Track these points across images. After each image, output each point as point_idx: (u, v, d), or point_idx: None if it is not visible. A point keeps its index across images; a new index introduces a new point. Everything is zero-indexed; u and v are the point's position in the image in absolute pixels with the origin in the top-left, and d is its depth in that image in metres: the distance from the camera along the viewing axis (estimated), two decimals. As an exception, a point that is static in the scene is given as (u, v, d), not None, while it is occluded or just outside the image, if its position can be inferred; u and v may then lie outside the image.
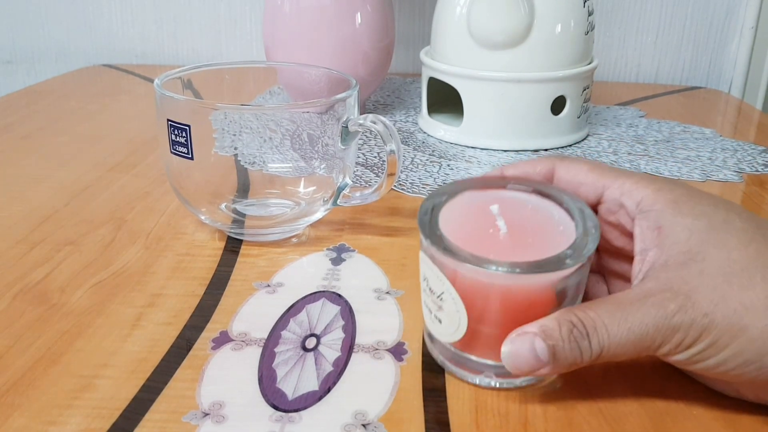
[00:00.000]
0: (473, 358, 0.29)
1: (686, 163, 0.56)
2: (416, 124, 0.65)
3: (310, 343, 0.32)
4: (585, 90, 0.59)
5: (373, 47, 0.61)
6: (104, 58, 0.90)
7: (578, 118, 0.60)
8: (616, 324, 0.26)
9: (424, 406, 0.28)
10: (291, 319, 0.34)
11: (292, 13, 0.60)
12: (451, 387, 0.29)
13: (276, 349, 0.32)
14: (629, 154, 0.58)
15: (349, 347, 0.32)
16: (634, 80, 0.87)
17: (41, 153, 0.56)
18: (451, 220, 0.29)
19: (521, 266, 0.26)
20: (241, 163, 0.39)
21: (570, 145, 0.60)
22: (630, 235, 0.30)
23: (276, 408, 0.28)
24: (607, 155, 0.58)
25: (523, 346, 0.27)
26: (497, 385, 0.29)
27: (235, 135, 0.38)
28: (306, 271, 0.39)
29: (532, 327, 0.27)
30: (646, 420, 0.28)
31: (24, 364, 0.30)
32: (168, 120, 0.38)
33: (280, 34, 0.61)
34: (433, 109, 0.64)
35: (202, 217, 0.41)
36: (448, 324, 0.29)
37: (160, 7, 0.88)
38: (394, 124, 0.60)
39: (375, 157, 0.56)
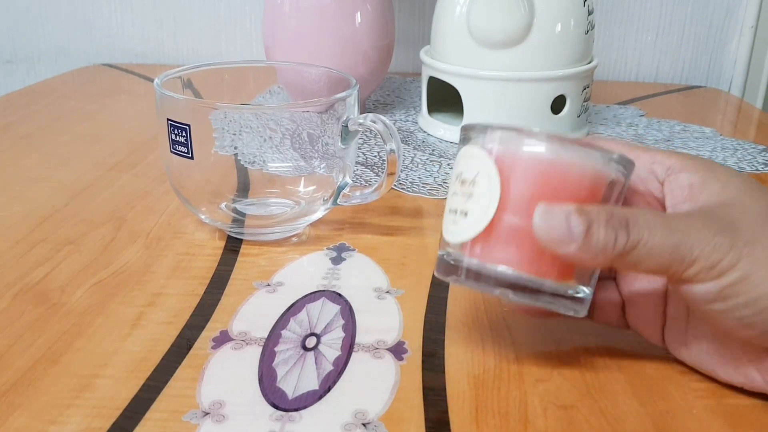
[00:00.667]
0: (492, 266, 0.27)
1: (686, 162, 0.56)
2: (416, 123, 0.65)
3: (311, 342, 0.32)
4: (585, 89, 0.59)
5: (373, 46, 0.61)
6: (104, 58, 0.90)
7: (578, 117, 0.60)
8: (659, 225, 0.25)
9: (424, 405, 0.28)
10: (291, 319, 0.34)
11: (292, 12, 0.60)
12: (452, 386, 0.29)
13: (276, 349, 0.32)
14: (629, 153, 0.58)
15: (349, 346, 0.32)
16: (634, 79, 0.87)
17: (41, 153, 0.56)
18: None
19: (573, 139, 0.26)
20: (241, 163, 0.39)
21: (570, 145, 0.60)
22: (658, 208, 0.30)
23: (276, 407, 0.28)
24: (607, 154, 0.58)
25: (559, 214, 0.25)
26: (514, 300, 0.28)
27: (235, 134, 0.38)
28: (306, 271, 0.39)
29: (570, 205, 0.26)
30: (646, 419, 0.28)
31: (24, 364, 0.30)
32: (168, 119, 0.38)
33: (280, 34, 0.61)
34: (433, 108, 0.64)
35: (202, 217, 0.41)
36: (475, 212, 0.27)
37: (160, 6, 0.88)
38: (394, 124, 0.60)
39: (375, 156, 0.56)
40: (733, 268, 0.25)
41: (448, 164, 0.55)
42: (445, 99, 0.64)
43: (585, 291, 0.28)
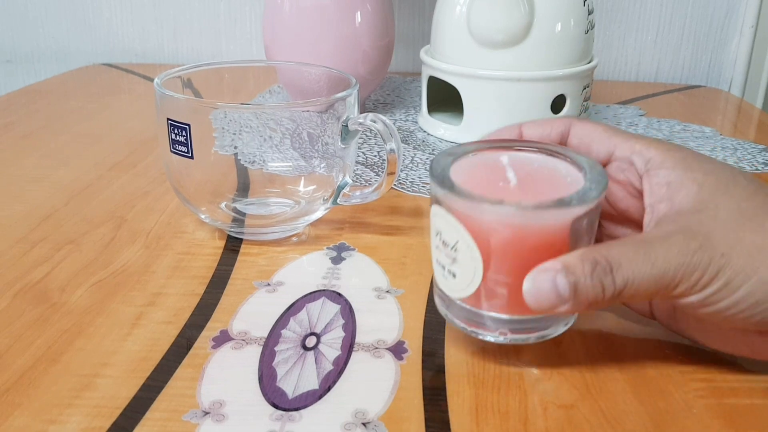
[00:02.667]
0: (487, 313, 0.29)
1: (686, 161, 0.56)
2: (416, 122, 0.65)
3: (310, 342, 0.32)
4: (585, 89, 0.59)
5: (373, 46, 0.61)
6: (104, 58, 0.90)
7: (578, 116, 0.60)
8: (640, 260, 0.26)
9: (425, 405, 0.28)
10: (291, 318, 0.34)
11: (292, 11, 0.60)
12: (452, 386, 0.29)
13: (276, 348, 0.32)
14: (629, 152, 0.58)
15: (349, 346, 0.32)
16: (634, 79, 0.87)
17: (41, 152, 0.56)
18: (461, 174, 0.29)
19: (535, 204, 0.27)
20: (241, 162, 0.39)
21: (570, 144, 0.60)
22: (636, 196, 0.31)
23: (276, 407, 0.28)
24: (607, 154, 0.58)
25: (545, 281, 0.26)
26: (510, 341, 0.29)
27: (235, 134, 0.38)
28: (306, 270, 0.39)
29: (554, 263, 0.27)
30: (646, 419, 0.28)
31: (24, 363, 0.30)
32: (168, 119, 0.38)
33: (280, 33, 0.61)
34: (433, 107, 0.64)
35: (202, 216, 0.41)
36: (463, 277, 0.28)
37: (160, 6, 0.87)
38: (394, 123, 0.60)
39: (375, 156, 0.56)
40: (714, 280, 0.26)
41: (448, 164, 0.55)
42: (445, 98, 0.64)
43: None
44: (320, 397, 0.28)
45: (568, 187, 0.28)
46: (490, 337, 0.30)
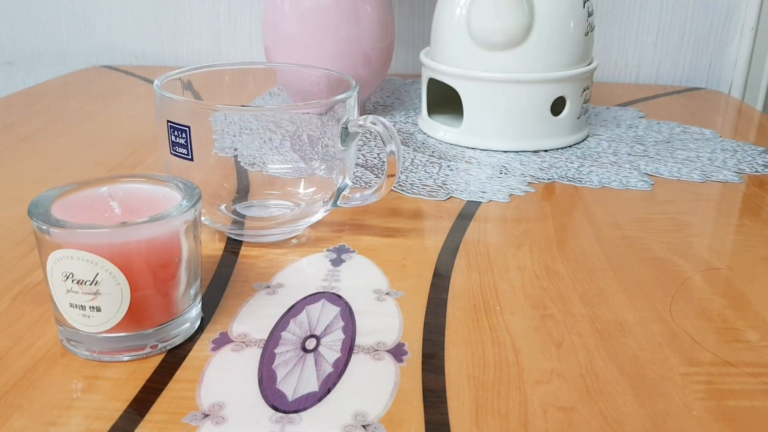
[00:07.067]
0: (134, 333, 0.31)
1: (686, 163, 0.56)
2: (416, 125, 0.65)
3: (310, 344, 0.32)
4: (585, 91, 0.59)
5: (372, 48, 0.61)
6: (104, 59, 0.90)
7: (578, 118, 0.60)
8: None
9: (425, 407, 0.28)
10: (291, 320, 0.34)
11: (292, 13, 0.60)
12: (452, 388, 0.29)
13: (276, 350, 0.32)
14: (629, 154, 0.58)
15: (349, 348, 0.32)
16: (634, 81, 0.87)
17: (41, 154, 0.56)
18: (65, 214, 0.30)
19: (150, 217, 0.30)
20: (241, 164, 0.39)
21: (570, 146, 0.60)
22: None
23: (276, 409, 0.28)
24: (607, 156, 0.58)
25: None
26: (160, 351, 0.31)
27: (234, 136, 0.38)
28: (306, 272, 0.39)
29: None
30: (646, 421, 0.28)
31: (24, 365, 0.30)
32: (168, 121, 0.38)
33: (280, 35, 0.61)
34: (432, 110, 0.64)
35: (202, 219, 0.41)
36: (110, 305, 0.30)
37: (160, 7, 0.88)
38: (393, 125, 0.60)
39: (375, 158, 0.56)
40: None
41: (448, 166, 0.55)
42: (445, 101, 0.64)
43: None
44: (320, 399, 0.28)
45: (168, 205, 0.32)
46: (135, 355, 0.31)
